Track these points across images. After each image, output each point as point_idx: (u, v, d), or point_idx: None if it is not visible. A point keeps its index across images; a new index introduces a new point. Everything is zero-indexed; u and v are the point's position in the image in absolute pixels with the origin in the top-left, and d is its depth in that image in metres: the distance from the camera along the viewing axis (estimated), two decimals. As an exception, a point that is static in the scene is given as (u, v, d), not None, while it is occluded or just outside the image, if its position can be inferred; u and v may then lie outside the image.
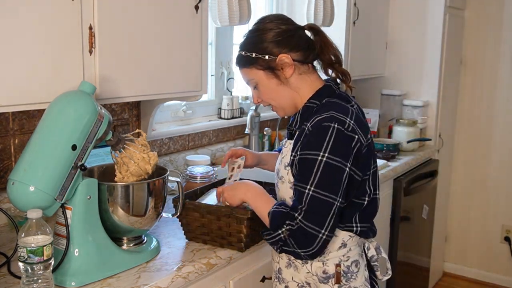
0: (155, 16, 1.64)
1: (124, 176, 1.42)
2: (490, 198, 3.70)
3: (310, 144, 1.28)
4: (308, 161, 1.28)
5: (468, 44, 3.66)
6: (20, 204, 1.21)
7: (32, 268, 1.12)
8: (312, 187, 1.26)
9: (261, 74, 1.39)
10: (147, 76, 1.65)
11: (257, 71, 1.39)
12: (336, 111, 1.30)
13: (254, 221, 1.50)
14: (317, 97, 1.39)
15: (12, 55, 1.28)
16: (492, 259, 3.74)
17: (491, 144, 3.66)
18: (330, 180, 1.27)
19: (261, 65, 1.38)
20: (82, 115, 1.27)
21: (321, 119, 1.29)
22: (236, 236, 1.52)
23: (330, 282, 1.38)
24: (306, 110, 1.39)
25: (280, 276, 1.47)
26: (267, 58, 1.37)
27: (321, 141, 1.26)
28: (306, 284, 1.41)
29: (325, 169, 1.26)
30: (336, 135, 1.27)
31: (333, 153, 1.26)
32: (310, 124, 1.30)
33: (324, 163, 1.26)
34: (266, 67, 1.38)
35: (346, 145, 1.28)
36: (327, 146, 1.26)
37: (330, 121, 1.28)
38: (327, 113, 1.30)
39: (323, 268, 1.38)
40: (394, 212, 2.79)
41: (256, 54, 1.38)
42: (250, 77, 1.42)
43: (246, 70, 1.42)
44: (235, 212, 1.50)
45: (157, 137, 2.19)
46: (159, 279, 1.32)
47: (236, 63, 1.46)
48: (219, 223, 1.53)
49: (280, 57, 1.36)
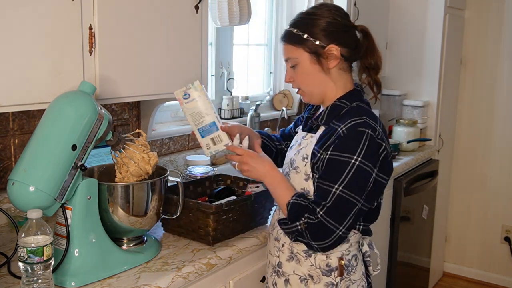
0: (155, 16, 1.64)
1: (124, 177, 1.42)
2: (490, 198, 3.70)
3: (344, 146, 1.32)
4: (339, 162, 1.32)
5: (468, 44, 3.66)
6: (20, 204, 1.20)
7: (32, 268, 1.12)
8: (340, 187, 1.30)
9: (306, 56, 1.40)
10: (147, 76, 1.65)
11: (303, 52, 1.40)
12: (368, 117, 1.35)
13: (222, 215, 1.53)
14: (347, 98, 1.42)
15: (12, 55, 1.28)
16: (492, 259, 3.74)
17: (491, 144, 3.66)
18: (358, 182, 1.32)
19: (309, 48, 1.39)
20: (82, 115, 1.27)
21: (356, 123, 1.33)
22: (204, 230, 1.54)
23: (332, 274, 1.42)
24: (334, 108, 1.41)
25: (280, 270, 1.48)
26: (317, 44, 1.38)
27: (355, 145, 1.31)
28: (308, 276, 1.44)
29: (356, 172, 1.30)
30: (369, 141, 1.31)
31: (365, 158, 1.31)
32: (345, 127, 1.33)
33: (356, 166, 1.30)
34: (313, 51, 1.39)
35: (376, 151, 1.33)
36: (360, 151, 1.30)
37: (365, 127, 1.32)
38: (361, 118, 1.34)
39: (326, 261, 1.42)
40: (394, 212, 2.79)
41: (308, 36, 1.38)
42: (294, 55, 1.42)
43: (291, 47, 1.42)
44: (201, 206, 1.52)
45: (157, 137, 2.19)
46: (159, 279, 1.32)
47: (282, 37, 1.45)
48: (190, 217, 1.55)
49: (330, 47, 1.38)
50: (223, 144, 1.48)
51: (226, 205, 1.55)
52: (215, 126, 1.47)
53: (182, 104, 1.47)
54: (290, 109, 2.96)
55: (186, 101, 1.46)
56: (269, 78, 3.01)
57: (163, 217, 1.59)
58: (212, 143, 1.48)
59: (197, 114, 1.47)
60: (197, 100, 1.45)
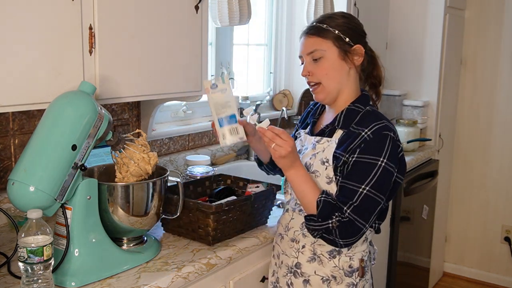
0: (155, 16, 1.64)
1: (124, 177, 1.42)
2: (490, 198, 3.70)
3: (370, 149, 1.38)
4: (367, 164, 1.38)
5: (468, 44, 3.66)
6: (20, 204, 1.20)
7: (32, 268, 1.12)
8: (367, 187, 1.36)
9: (334, 50, 1.45)
10: (147, 76, 1.65)
11: (332, 46, 1.45)
12: (387, 121, 1.43)
13: (222, 215, 1.53)
14: (361, 102, 1.48)
15: (12, 55, 1.28)
16: (492, 259, 3.74)
17: (491, 144, 3.66)
18: (384, 182, 1.39)
19: (339, 43, 1.45)
20: (82, 115, 1.27)
21: (380, 127, 1.40)
22: (204, 230, 1.54)
23: (354, 275, 1.49)
24: (350, 112, 1.47)
25: (299, 271, 1.51)
26: (347, 40, 1.45)
27: (381, 148, 1.38)
28: (331, 277, 1.48)
29: (382, 173, 1.37)
30: (392, 144, 1.40)
31: (390, 160, 1.38)
32: (370, 131, 1.40)
33: (382, 167, 1.37)
34: (341, 47, 1.45)
35: (396, 153, 1.42)
36: (386, 153, 1.38)
37: (388, 130, 1.40)
38: (381, 122, 1.41)
39: (349, 262, 1.48)
40: (394, 212, 2.79)
41: (339, 32, 1.44)
42: (322, 47, 1.45)
43: (320, 40, 1.45)
44: (201, 206, 1.53)
45: (157, 137, 2.19)
46: (159, 279, 1.32)
47: (308, 30, 1.49)
48: (190, 216, 1.56)
49: (358, 46, 1.46)
50: (238, 136, 1.50)
51: (226, 205, 1.55)
52: (235, 118, 1.51)
53: (209, 93, 1.52)
54: (290, 109, 2.96)
55: (213, 90, 1.51)
56: (269, 78, 3.01)
57: (163, 217, 1.59)
58: (229, 133, 1.51)
59: (220, 105, 1.51)
60: (223, 91, 1.51)
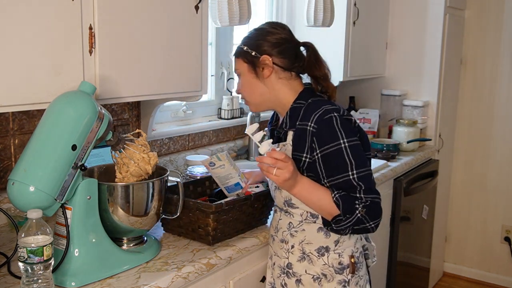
0: (155, 16, 1.64)
1: (125, 177, 1.42)
2: (490, 198, 3.70)
3: (325, 138, 1.38)
4: (334, 153, 1.38)
5: (468, 44, 3.66)
6: (20, 204, 1.21)
7: (32, 268, 1.12)
8: (354, 171, 1.37)
9: (245, 66, 1.52)
10: (147, 76, 1.65)
11: (243, 62, 1.52)
12: (326, 105, 1.42)
13: (222, 215, 1.54)
14: (302, 98, 1.49)
15: (12, 55, 1.28)
16: (492, 259, 3.74)
17: (491, 144, 3.66)
18: (359, 157, 1.39)
19: (247, 58, 1.51)
20: (82, 115, 1.27)
21: (320, 115, 1.39)
22: (204, 230, 1.55)
23: (345, 272, 1.48)
24: (294, 111, 1.47)
25: (290, 271, 1.51)
26: (253, 54, 1.49)
27: (333, 132, 1.38)
28: (322, 275, 1.48)
29: (352, 151, 1.38)
30: (340, 121, 1.39)
31: (348, 136, 1.38)
32: (312, 123, 1.39)
33: (348, 147, 1.37)
34: (250, 61, 1.50)
35: (350, 126, 1.41)
36: (340, 133, 1.38)
37: (329, 113, 1.39)
38: (320, 109, 1.41)
39: (339, 259, 1.48)
40: (394, 212, 2.79)
41: (247, 48, 1.51)
42: (238, 66, 1.55)
43: (237, 60, 1.55)
44: (201, 206, 1.53)
45: (157, 137, 2.19)
46: (159, 279, 1.32)
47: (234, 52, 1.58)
48: (190, 216, 1.56)
49: (263, 57, 1.48)
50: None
51: (226, 205, 1.55)
52: (240, 185, 1.73)
53: (209, 170, 1.72)
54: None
55: (212, 168, 1.70)
56: (269, 78, 3.01)
57: (163, 217, 1.59)
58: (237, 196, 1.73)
59: (223, 177, 1.72)
60: (221, 167, 1.70)
